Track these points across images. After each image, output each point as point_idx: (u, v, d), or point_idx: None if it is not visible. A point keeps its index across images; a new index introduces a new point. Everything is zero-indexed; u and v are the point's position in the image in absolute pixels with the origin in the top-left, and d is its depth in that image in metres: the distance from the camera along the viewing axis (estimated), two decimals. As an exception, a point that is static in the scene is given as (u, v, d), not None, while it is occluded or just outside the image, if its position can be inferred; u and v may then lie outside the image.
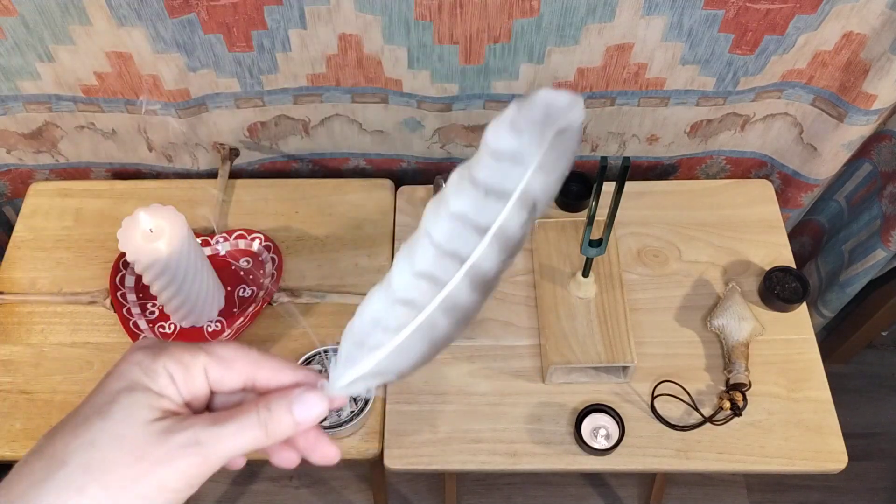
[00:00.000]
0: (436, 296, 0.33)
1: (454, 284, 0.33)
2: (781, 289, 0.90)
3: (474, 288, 0.33)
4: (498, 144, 0.31)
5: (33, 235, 0.99)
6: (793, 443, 0.82)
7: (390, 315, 0.35)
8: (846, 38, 0.84)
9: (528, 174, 0.31)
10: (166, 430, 0.33)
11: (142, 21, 0.80)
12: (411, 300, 0.34)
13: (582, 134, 0.33)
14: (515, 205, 0.32)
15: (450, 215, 0.33)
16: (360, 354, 0.36)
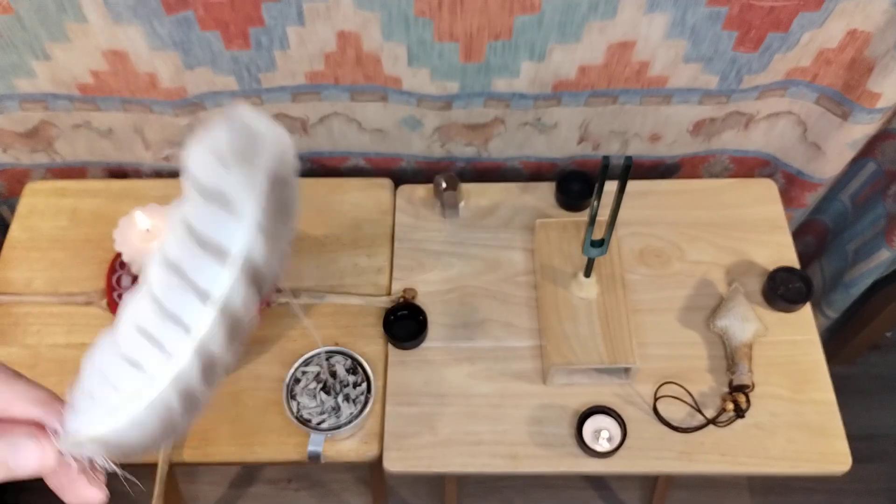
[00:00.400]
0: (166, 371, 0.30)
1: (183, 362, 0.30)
2: (785, 289, 0.89)
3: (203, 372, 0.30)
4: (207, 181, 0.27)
5: (29, 235, 0.98)
6: (796, 445, 0.81)
7: (116, 370, 0.31)
8: (850, 35, 0.83)
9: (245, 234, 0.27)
10: None
11: (138, 18, 0.79)
12: (136, 361, 0.30)
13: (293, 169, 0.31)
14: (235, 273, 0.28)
15: (167, 263, 0.29)
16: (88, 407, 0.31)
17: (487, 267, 0.94)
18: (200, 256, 0.28)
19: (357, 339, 0.89)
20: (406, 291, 0.91)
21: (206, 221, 0.28)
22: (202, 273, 0.28)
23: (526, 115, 0.95)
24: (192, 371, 0.30)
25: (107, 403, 0.31)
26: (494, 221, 0.98)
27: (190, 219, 0.28)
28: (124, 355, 0.31)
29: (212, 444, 0.82)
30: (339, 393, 0.81)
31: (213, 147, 0.28)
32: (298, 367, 0.83)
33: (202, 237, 0.28)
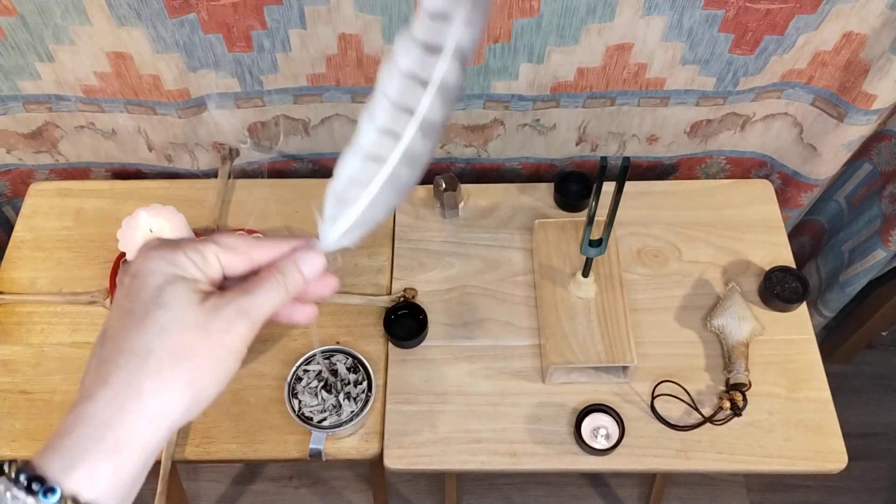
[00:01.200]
0: (395, 149, 0.39)
1: (410, 136, 0.38)
2: (781, 289, 0.90)
3: (426, 137, 0.39)
4: (433, 6, 0.36)
5: (33, 235, 0.99)
6: (793, 443, 0.82)
7: (362, 171, 0.40)
8: (846, 38, 0.84)
9: (459, 29, 0.36)
10: (215, 307, 0.39)
11: (142, 21, 0.80)
12: (378, 155, 0.39)
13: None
14: (449, 58, 0.36)
15: (399, 73, 0.37)
16: (342, 210, 0.42)
17: (487, 267, 0.95)
18: (426, 57, 0.37)
19: (358, 338, 0.89)
20: (406, 291, 0.92)
21: (429, 32, 0.36)
22: (426, 67, 0.37)
23: (525, 116, 0.96)
24: (417, 140, 0.39)
25: (353, 198, 0.41)
26: (494, 222, 0.99)
27: (416, 33, 0.36)
28: (368, 154, 0.40)
29: (214, 441, 0.83)
30: (340, 391, 0.82)
31: None
32: (300, 366, 0.84)
33: (426, 43, 0.36)
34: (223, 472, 1.40)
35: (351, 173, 0.41)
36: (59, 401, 0.86)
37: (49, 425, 0.84)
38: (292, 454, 0.82)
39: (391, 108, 0.38)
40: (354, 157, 0.41)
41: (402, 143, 0.39)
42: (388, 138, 0.39)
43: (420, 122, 0.38)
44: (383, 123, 0.39)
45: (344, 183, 0.42)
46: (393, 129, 0.39)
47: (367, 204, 0.41)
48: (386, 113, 0.38)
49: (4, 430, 0.84)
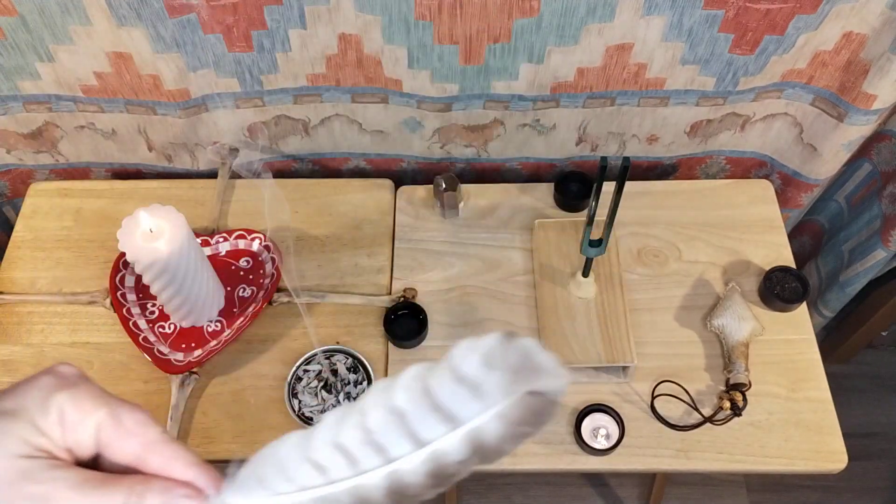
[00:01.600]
0: (350, 478, 0.31)
1: (371, 480, 0.31)
2: (781, 289, 0.90)
3: (390, 493, 0.31)
4: (463, 369, 0.29)
5: (33, 235, 0.99)
6: (793, 443, 0.82)
7: (297, 469, 0.33)
8: (846, 38, 0.84)
9: (487, 415, 0.29)
10: (25, 475, 0.32)
11: (142, 21, 0.80)
12: (322, 466, 0.32)
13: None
14: (461, 438, 0.29)
15: (390, 408, 0.31)
16: (255, 488, 0.34)
17: (487, 267, 0.95)
18: (429, 414, 0.30)
19: (358, 338, 0.89)
20: (406, 291, 0.92)
21: (447, 393, 0.29)
22: (425, 425, 0.30)
23: (525, 116, 0.96)
24: (377, 491, 0.31)
25: (274, 488, 0.33)
26: (494, 222, 0.99)
27: (432, 385, 0.30)
28: (311, 459, 0.32)
29: (214, 442, 0.83)
30: (340, 391, 0.82)
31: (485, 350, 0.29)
32: (300, 366, 0.84)
33: (438, 402, 0.29)
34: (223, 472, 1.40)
35: (284, 460, 0.33)
36: (59, 401, 0.86)
37: (49, 425, 0.84)
38: (292, 454, 0.82)
39: (364, 436, 0.31)
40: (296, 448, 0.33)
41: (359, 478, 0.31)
42: (343, 460, 0.31)
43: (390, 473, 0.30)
44: (344, 441, 0.31)
45: (271, 464, 0.34)
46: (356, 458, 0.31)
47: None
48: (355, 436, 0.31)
49: (4, 430, 0.84)
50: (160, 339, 0.87)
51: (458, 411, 0.29)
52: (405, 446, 0.30)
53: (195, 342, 0.87)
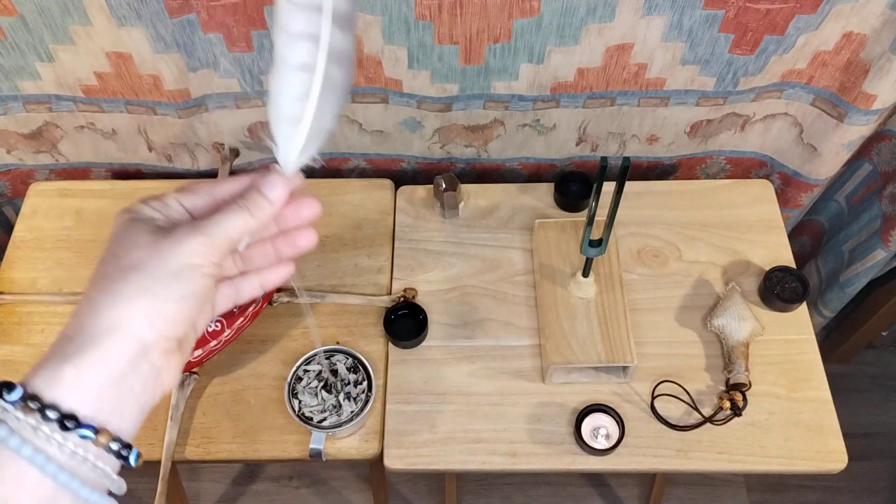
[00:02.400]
0: (319, 51, 0.39)
1: (327, 32, 0.38)
2: (781, 289, 0.90)
3: (342, 30, 0.39)
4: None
5: (33, 235, 0.99)
6: (793, 443, 0.82)
7: (297, 84, 0.40)
8: (846, 38, 0.84)
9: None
10: (168, 230, 0.40)
11: (142, 21, 0.80)
12: (304, 63, 0.39)
13: None
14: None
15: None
16: (292, 128, 0.42)
17: (487, 267, 0.95)
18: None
19: (358, 338, 0.89)
20: (406, 291, 0.92)
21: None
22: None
23: (525, 116, 0.96)
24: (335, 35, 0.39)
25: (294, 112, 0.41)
26: (494, 222, 0.99)
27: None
28: (293, 65, 0.40)
29: (214, 442, 0.83)
30: (340, 391, 0.82)
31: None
32: (300, 366, 0.84)
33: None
34: (223, 472, 1.40)
35: (286, 90, 0.41)
36: (59, 401, 0.86)
37: (49, 425, 0.84)
38: (292, 454, 0.82)
39: (298, 10, 0.38)
40: (283, 74, 0.40)
41: (322, 42, 0.39)
42: (306, 43, 0.39)
43: (331, 15, 0.38)
44: (296, 29, 0.39)
45: (283, 101, 0.41)
46: (308, 32, 0.39)
47: (314, 114, 0.41)
48: (296, 19, 0.38)
49: (4, 430, 0.84)
50: (160, 339, 0.87)
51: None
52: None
53: (195, 342, 0.87)
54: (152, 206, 0.42)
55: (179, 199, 0.43)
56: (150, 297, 0.38)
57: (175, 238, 0.39)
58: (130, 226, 0.41)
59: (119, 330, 0.37)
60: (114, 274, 0.39)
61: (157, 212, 0.41)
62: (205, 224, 0.40)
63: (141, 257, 0.39)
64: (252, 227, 0.42)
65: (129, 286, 0.38)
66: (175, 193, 0.43)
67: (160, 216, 0.41)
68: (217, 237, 0.41)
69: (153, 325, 0.38)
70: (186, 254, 0.39)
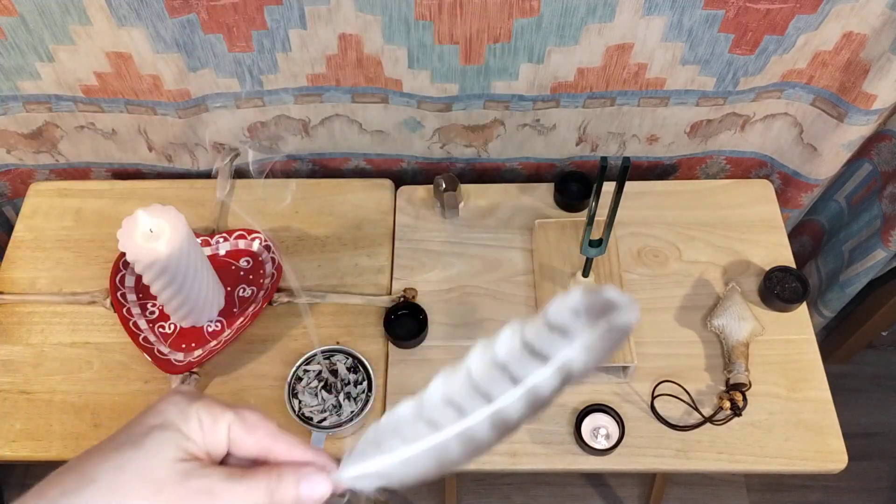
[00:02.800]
0: (457, 423, 0.36)
1: (477, 420, 0.35)
2: (781, 289, 0.90)
3: (494, 428, 0.35)
4: (556, 320, 0.34)
5: (33, 235, 0.99)
6: (793, 443, 0.82)
7: (412, 429, 0.37)
8: (846, 38, 0.84)
9: (573, 348, 0.33)
10: (187, 473, 0.36)
11: (142, 21, 0.80)
12: (435, 421, 0.36)
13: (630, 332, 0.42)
14: (554, 370, 0.33)
15: (492, 360, 0.35)
16: (373, 454, 0.38)
17: (487, 267, 0.95)
18: (526, 359, 0.34)
19: (358, 338, 0.89)
20: (406, 291, 0.92)
21: (541, 340, 0.34)
22: (522, 368, 0.34)
23: (525, 116, 0.96)
24: (483, 427, 0.35)
25: (390, 448, 0.38)
26: (494, 222, 0.99)
27: (529, 336, 0.34)
28: (423, 417, 0.37)
29: (215, 441, 0.83)
30: (340, 391, 0.82)
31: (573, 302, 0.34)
32: (300, 366, 0.84)
33: (534, 348, 0.34)
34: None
35: (399, 424, 0.38)
36: (59, 401, 0.86)
37: (49, 425, 0.84)
38: (292, 454, 0.82)
39: (469, 387, 0.35)
40: (410, 412, 0.38)
41: (465, 422, 0.35)
42: (453, 411, 0.36)
43: (495, 413, 0.35)
44: (453, 396, 0.36)
45: (388, 429, 0.38)
46: (462, 406, 0.36)
47: (401, 460, 0.37)
48: (462, 389, 0.36)
49: (4, 431, 0.84)
50: (160, 339, 0.87)
51: (551, 351, 0.34)
52: (506, 387, 0.34)
53: (195, 342, 0.87)
54: (201, 421, 0.38)
55: (233, 427, 0.39)
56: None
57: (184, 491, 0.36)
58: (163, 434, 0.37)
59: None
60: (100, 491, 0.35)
61: (200, 431, 0.38)
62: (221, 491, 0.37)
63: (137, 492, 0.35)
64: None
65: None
66: (232, 416, 0.39)
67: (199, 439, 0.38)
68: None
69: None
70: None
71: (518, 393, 0.34)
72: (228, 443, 0.39)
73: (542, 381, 0.34)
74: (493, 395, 0.35)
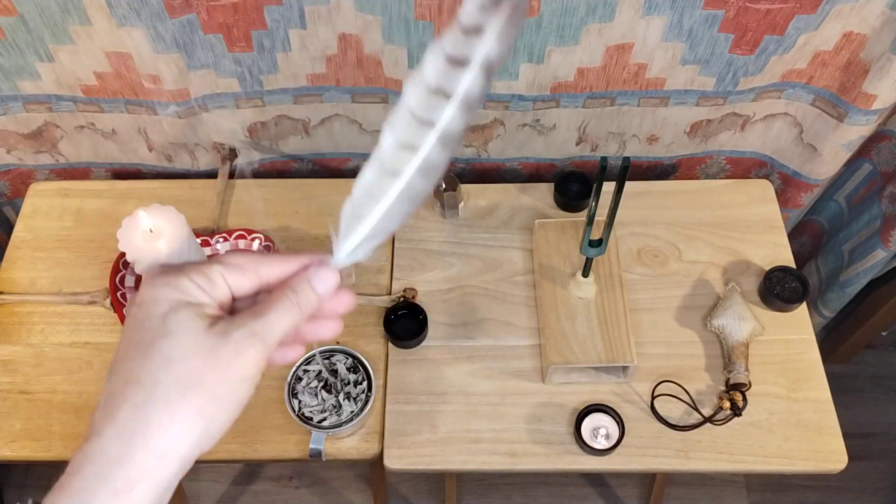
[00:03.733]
0: (412, 161, 0.37)
1: (428, 148, 0.36)
2: (781, 289, 0.90)
3: (444, 147, 0.37)
4: (468, 22, 0.34)
5: (33, 235, 0.99)
6: (793, 443, 0.82)
7: (379, 187, 0.38)
8: (846, 38, 0.84)
9: (489, 44, 0.33)
10: (224, 332, 0.37)
11: (142, 21, 0.80)
12: (395, 169, 0.37)
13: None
14: (478, 71, 0.34)
15: (426, 87, 0.35)
16: (355, 225, 0.40)
17: (487, 267, 0.95)
18: (454, 71, 0.34)
19: (358, 337, 0.89)
20: (406, 291, 0.92)
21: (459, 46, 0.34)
22: (453, 81, 0.34)
23: (525, 116, 0.96)
24: (434, 151, 0.36)
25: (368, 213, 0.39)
26: (494, 222, 0.99)
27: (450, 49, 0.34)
28: (386, 169, 0.38)
29: (215, 441, 0.83)
30: (340, 391, 0.82)
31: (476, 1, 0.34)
32: (300, 366, 0.84)
33: (456, 58, 0.34)
34: (223, 472, 1.40)
35: (366, 188, 0.39)
36: (59, 401, 0.86)
37: (49, 425, 0.84)
38: (292, 454, 0.82)
39: (412, 121, 0.36)
40: (372, 171, 0.39)
41: (419, 154, 0.37)
42: (406, 152, 0.37)
43: (440, 134, 0.36)
44: (403, 137, 0.37)
45: (358, 198, 0.40)
46: (412, 143, 0.37)
47: (381, 216, 0.39)
48: (407, 126, 0.37)
49: (4, 431, 0.84)
50: (160, 339, 0.87)
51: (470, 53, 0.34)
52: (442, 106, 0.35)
53: (195, 342, 0.87)
54: (199, 285, 0.39)
55: (225, 275, 0.40)
56: (206, 420, 0.36)
57: (233, 345, 0.37)
58: (180, 313, 0.37)
59: (171, 455, 0.36)
60: (168, 384, 0.36)
61: (205, 294, 0.39)
62: (261, 328, 0.38)
63: (200, 369, 0.36)
64: (298, 323, 0.40)
65: (188, 408, 0.36)
66: (220, 267, 0.40)
67: (209, 300, 0.39)
68: (272, 343, 0.39)
69: (202, 446, 0.37)
70: (247, 366, 0.38)
71: (454, 105, 0.35)
72: (230, 289, 0.40)
73: (469, 84, 0.34)
74: (434, 118, 0.36)
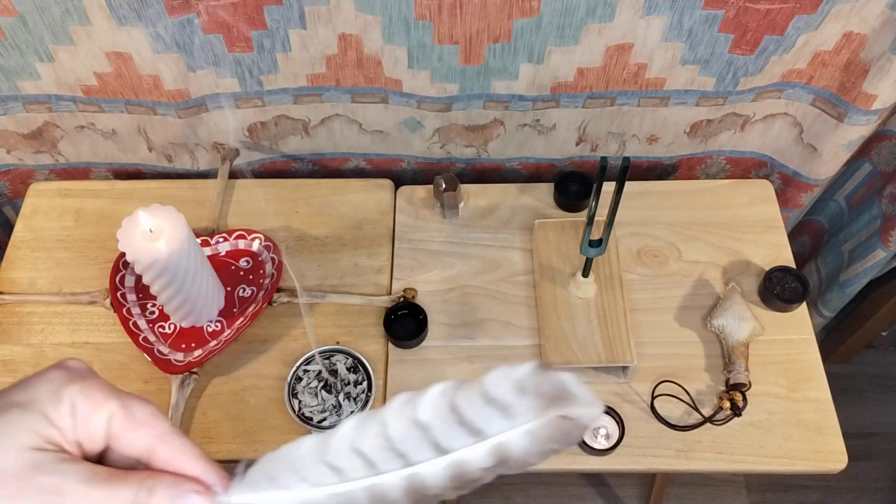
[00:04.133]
0: (367, 478, 0.32)
1: (390, 480, 0.31)
2: (781, 289, 0.90)
3: (409, 493, 0.31)
4: (495, 393, 0.30)
5: (33, 235, 0.99)
6: (793, 443, 0.82)
7: (313, 470, 0.33)
8: (846, 38, 0.84)
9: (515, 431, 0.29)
10: (37, 466, 0.31)
11: (141, 21, 0.80)
12: (339, 468, 0.32)
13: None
14: (489, 449, 0.30)
15: (414, 421, 0.31)
16: (267, 486, 0.33)
17: (487, 267, 0.95)
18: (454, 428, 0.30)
19: (358, 338, 0.89)
20: (406, 291, 0.92)
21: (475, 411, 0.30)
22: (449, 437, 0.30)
23: (525, 116, 0.96)
24: (396, 490, 0.31)
25: (286, 485, 0.33)
26: (494, 222, 0.99)
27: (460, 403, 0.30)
28: (327, 461, 0.32)
29: (214, 441, 0.83)
30: (340, 391, 0.82)
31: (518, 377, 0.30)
32: (300, 366, 0.84)
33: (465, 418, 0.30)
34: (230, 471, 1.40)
35: (299, 462, 0.33)
36: (59, 401, 0.86)
37: (49, 425, 0.84)
38: (292, 454, 0.82)
39: (384, 444, 0.31)
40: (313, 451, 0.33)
41: (376, 478, 0.31)
42: (361, 462, 0.32)
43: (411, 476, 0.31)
44: (363, 447, 0.32)
45: (285, 464, 0.33)
46: (373, 461, 0.32)
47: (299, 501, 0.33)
48: (376, 444, 0.32)
49: (4, 430, 0.84)
50: (160, 339, 0.87)
51: (485, 426, 0.30)
52: (427, 454, 0.31)
53: (195, 342, 0.87)
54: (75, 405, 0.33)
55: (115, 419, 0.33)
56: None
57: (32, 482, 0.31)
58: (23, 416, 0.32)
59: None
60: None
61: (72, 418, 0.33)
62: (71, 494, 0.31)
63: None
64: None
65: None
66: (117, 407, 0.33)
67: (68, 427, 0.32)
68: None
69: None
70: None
71: (443, 462, 0.31)
72: (107, 436, 0.34)
73: (473, 456, 0.30)
74: (410, 456, 0.31)
